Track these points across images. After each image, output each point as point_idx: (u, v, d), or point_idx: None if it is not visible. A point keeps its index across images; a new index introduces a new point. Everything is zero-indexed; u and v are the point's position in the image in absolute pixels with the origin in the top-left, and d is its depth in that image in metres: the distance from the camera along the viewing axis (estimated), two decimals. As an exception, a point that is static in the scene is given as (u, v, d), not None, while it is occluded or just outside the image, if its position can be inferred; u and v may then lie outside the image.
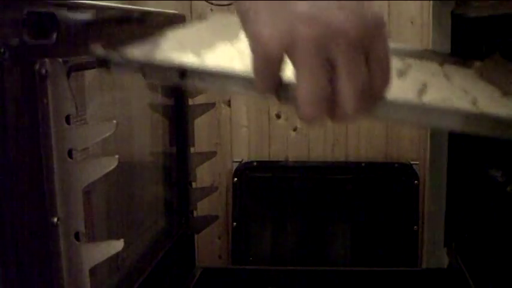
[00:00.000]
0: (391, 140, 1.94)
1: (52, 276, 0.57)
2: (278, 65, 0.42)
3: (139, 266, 0.99)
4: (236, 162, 1.99)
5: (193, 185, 1.23)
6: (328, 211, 1.79)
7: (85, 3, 0.69)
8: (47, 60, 0.56)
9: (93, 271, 0.62)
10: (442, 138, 1.24)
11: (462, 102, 0.57)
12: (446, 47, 1.19)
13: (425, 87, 0.61)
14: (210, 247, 1.89)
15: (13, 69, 0.53)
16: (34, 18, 0.56)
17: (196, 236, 1.33)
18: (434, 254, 1.39)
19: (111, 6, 0.77)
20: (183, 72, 0.50)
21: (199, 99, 1.21)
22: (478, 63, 0.93)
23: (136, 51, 0.53)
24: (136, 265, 0.98)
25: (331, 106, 0.42)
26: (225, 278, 1.40)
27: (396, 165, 1.88)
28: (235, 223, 1.81)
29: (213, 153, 1.31)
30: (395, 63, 0.79)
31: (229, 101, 1.99)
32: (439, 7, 1.21)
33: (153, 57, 0.53)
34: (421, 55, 0.92)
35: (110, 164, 0.61)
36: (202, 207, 1.91)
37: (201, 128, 1.98)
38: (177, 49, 0.62)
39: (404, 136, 1.93)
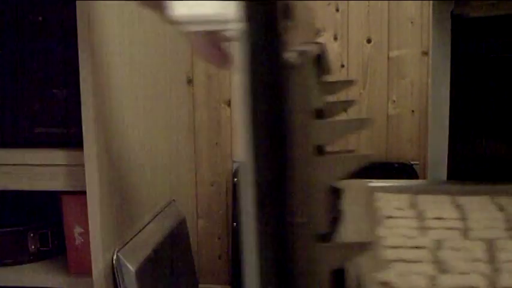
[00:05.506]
0: (391, 140, 1.94)
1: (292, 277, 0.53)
2: None
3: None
4: (236, 162, 1.99)
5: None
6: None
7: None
8: (295, 49, 0.51)
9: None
10: (442, 138, 1.23)
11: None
12: (446, 47, 1.19)
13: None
14: (209, 247, 1.89)
15: (262, 59, 0.47)
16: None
17: (196, 236, 1.33)
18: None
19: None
20: None
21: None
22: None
23: None
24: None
25: None
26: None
27: (396, 165, 1.88)
28: (235, 223, 1.81)
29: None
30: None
31: (229, 101, 1.99)
32: (439, 7, 1.21)
33: None
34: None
35: (361, 161, 0.54)
36: (202, 207, 1.91)
37: (201, 128, 1.99)
38: None
39: (404, 136, 1.93)
